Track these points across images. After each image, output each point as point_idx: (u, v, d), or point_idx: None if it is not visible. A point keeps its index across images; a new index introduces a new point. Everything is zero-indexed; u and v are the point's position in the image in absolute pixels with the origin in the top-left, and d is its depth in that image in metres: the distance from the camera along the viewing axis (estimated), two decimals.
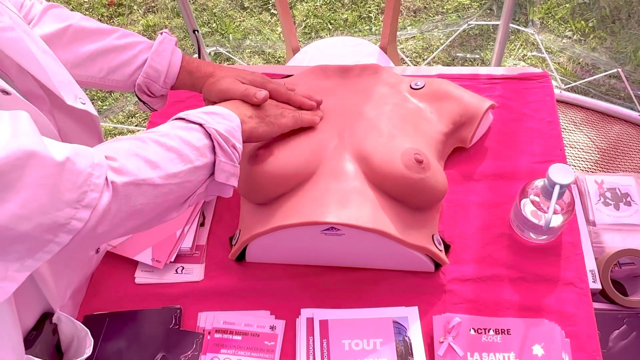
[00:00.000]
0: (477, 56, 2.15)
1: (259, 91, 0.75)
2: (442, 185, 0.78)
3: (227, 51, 2.25)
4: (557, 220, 0.77)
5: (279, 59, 2.26)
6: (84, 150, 0.55)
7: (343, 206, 0.72)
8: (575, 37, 2.14)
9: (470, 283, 0.79)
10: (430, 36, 2.26)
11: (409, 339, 0.74)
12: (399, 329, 0.75)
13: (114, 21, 2.51)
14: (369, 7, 2.42)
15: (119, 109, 2.16)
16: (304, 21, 2.39)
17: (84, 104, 0.72)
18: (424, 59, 2.17)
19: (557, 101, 1.00)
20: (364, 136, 0.81)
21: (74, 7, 2.59)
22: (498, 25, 1.67)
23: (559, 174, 0.73)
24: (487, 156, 0.92)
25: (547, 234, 0.80)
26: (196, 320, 0.79)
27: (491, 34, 2.21)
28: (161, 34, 0.82)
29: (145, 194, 0.58)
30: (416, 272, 0.81)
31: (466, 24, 2.18)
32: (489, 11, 2.31)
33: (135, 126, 2.09)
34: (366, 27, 2.34)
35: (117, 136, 2.10)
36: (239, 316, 0.78)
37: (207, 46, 2.15)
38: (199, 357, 0.74)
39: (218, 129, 0.64)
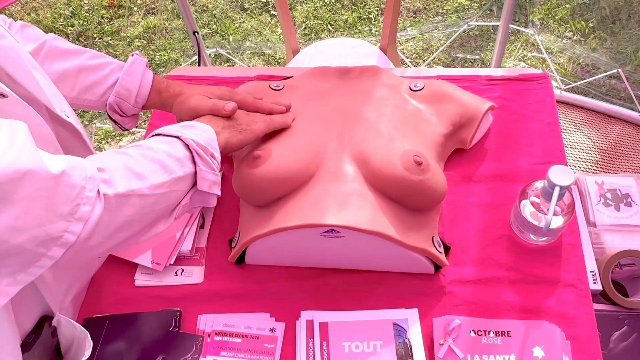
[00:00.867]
0: (477, 57, 2.15)
1: (227, 103, 0.78)
2: (442, 186, 0.78)
3: (227, 52, 2.25)
4: (557, 222, 0.76)
5: (279, 60, 2.27)
6: (78, 163, 0.56)
7: (342, 208, 0.72)
8: (576, 37, 2.14)
9: (470, 285, 0.79)
10: (430, 37, 2.26)
11: (409, 341, 0.74)
12: (399, 331, 0.75)
13: (114, 22, 2.52)
14: (369, 8, 2.42)
15: None
16: (303, 22, 2.40)
17: (68, 117, 0.72)
18: (424, 60, 2.17)
19: (557, 101, 1.00)
20: (363, 138, 0.81)
21: (74, 8, 2.59)
22: (498, 26, 1.67)
23: (559, 175, 0.72)
24: (487, 157, 0.92)
25: (547, 236, 0.80)
26: (196, 322, 0.79)
27: (491, 34, 2.21)
28: (132, 55, 0.84)
29: (134, 204, 0.60)
30: (416, 274, 0.81)
31: (466, 25, 2.18)
32: (488, 12, 2.31)
33: (135, 127, 2.09)
34: (366, 28, 2.34)
35: (117, 137, 2.11)
36: (239, 318, 0.78)
37: (207, 47, 2.15)
38: (198, 359, 0.74)
39: (195, 139, 0.67)
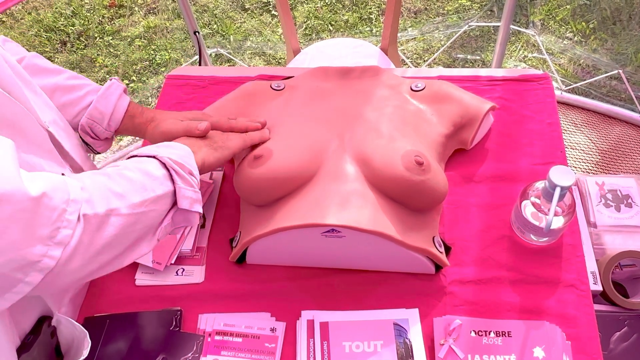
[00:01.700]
0: (478, 57, 2.15)
1: (200, 123, 0.78)
2: (443, 187, 0.78)
3: (227, 52, 2.25)
4: (558, 222, 0.77)
5: (279, 60, 2.27)
6: (61, 184, 0.55)
7: (343, 208, 0.72)
8: (576, 38, 2.14)
9: (470, 285, 0.79)
10: (431, 37, 2.26)
11: (410, 341, 0.74)
12: (400, 331, 0.75)
13: (115, 22, 2.52)
14: (370, 8, 2.42)
15: None
16: (304, 22, 2.40)
17: (48, 127, 0.71)
18: (424, 60, 2.17)
19: (558, 102, 1.00)
20: (364, 138, 0.81)
21: (75, 8, 2.59)
22: (499, 26, 1.67)
23: (560, 176, 0.73)
24: (488, 158, 0.92)
25: (548, 236, 0.80)
26: (196, 322, 0.79)
27: (492, 35, 2.21)
28: (110, 80, 0.84)
29: (114, 224, 0.58)
30: (417, 274, 0.81)
31: (467, 26, 2.18)
32: (489, 12, 2.31)
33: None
34: (367, 29, 2.34)
35: (118, 137, 2.10)
36: (240, 318, 0.78)
37: (208, 47, 2.16)
38: (199, 359, 0.74)
39: (171, 157, 0.66)
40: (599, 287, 0.87)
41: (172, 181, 0.65)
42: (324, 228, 0.73)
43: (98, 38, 2.47)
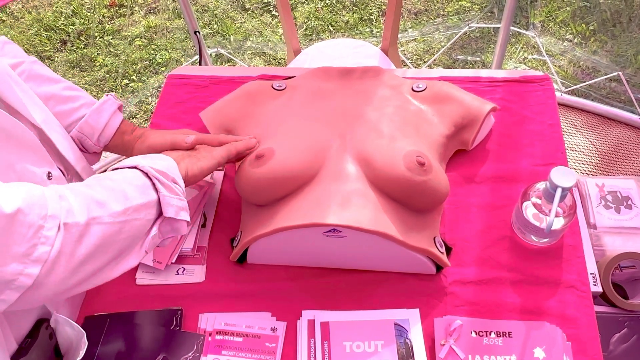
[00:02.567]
0: (478, 59, 2.16)
1: (187, 136, 0.78)
2: (444, 187, 0.78)
3: (228, 53, 2.25)
4: (558, 223, 0.77)
5: (280, 61, 2.27)
6: (39, 199, 0.53)
7: (344, 208, 0.72)
8: (576, 40, 2.14)
9: (471, 285, 0.79)
10: (431, 39, 2.26)
11: (410, 341, 0.74)
12: (400, 331, 0.75)
13: (115, 22, 2.52)
14: (370, 9, 2.42)
15: None
16: (305, 23, 2.40)
17: (39, 125, 0.71)
18: (424, 62, 2.17)
19: (558, 104, 1.00)
20: (365, 138, 0.81)
21: (75, 7, 2.59)
22: (499, 28, 1.67)
23: (561, 177, 0.73)
24: (489, 159, 0.92)
25: (549, 237, 0.80)
26: (197, 321, 0.78)
27: (492, 36, 2.22)
28: (107, 95, 0.84)
29: (96, 233, 0.57)
30: (417, 274, 0.81)
31: (467, 27, 2.19)
32: (489, 14, 2.31)
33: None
34: (367, 30, 2.34)
35: None
36: (240, 318, 0.78)
37: (209, 47, 2.16)
38: (199, 358, 0.74)
39: (153, 166, 0.65)
40: (598, 289, 0.88)
41: (156, 190, 0.64)
42: (325, 228, 0.73)
43: (98, 37, 2.47)
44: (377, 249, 0.76)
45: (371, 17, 2.39)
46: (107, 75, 2.30)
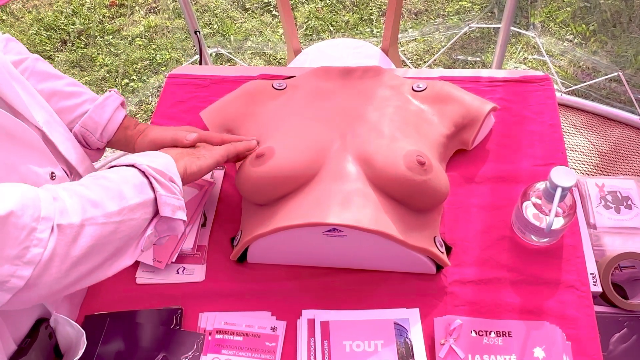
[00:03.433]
0: (478, 59, 2.16)
1: (189, 133, 0.77)
2: (444, 187, 0.78)
3: (228, 52, 2.25)
4: (558, 223, 0.77)
5: (280, 61, 2.27)
6: (33, 201, 0.53)
7: (345, 208, 0.72)
8: (576, 40, 2.14)
9: (471, 285, 0.79)
10: (431, 39, 2.26)
11: (410, 340, 0.74)
12: (400, 330, 0.75)
13: (115, 21, 2.52)
14: (370, 9, 2.42)
15: None
16: (305, 23, 2.40)
17: (42, 127, 0.71)
18: (425, 62, 2.18)
19: (558, 104, 1.00)
20: (366, 138, 0.81)
21: (75, 6, 2.59)
22: (499, 28, 1.67)
23: (561, 176, 0.73)
24: (489, 158, 0.93)
25: (549, 237, 0.80)
26: (197, 320, 0.79)
27: (492, 36, 2.22)
28: (110, 91, 0.84)
29: (90, 234, 0.56)
30: (417, 274, 0.81)
31: (467, 27, 2.19)
32: (490, 14, 2.31)
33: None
34: (367, 30, 2.34)
35: None
36: (240, 317, 0.78)
37: (209, 47, 2.16)
38: (199, 357, 0.74)
39: (150, 165, 0.65)
40: (598, 289, 0.88)
41: (153, 189, 0.64)
42: (325, 227, 0.73)
43: (98, 37, 2.47)
44: (378, 249, 0.76)
45: (371, 17, 2.39)
46: (108, 75, 2.30)
